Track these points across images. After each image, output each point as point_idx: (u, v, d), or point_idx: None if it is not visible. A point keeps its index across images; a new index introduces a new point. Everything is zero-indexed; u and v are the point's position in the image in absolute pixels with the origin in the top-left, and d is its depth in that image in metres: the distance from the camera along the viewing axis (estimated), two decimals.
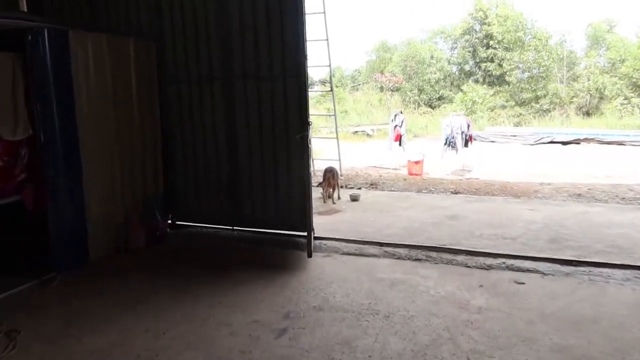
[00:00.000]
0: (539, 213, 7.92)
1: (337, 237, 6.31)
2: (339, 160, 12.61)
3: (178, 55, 6.48)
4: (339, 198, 9.30)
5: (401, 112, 14.78)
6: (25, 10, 6.75)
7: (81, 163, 5.34)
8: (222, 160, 6.43)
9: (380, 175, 13.04)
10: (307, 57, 5.65)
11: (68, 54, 5.20)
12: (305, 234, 6.14)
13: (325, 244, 6.06)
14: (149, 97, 6.43)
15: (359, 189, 10.90)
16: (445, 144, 13.63)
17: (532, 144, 19.45)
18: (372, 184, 11.44)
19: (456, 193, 10.41)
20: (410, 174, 13.46)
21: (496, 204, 8.89)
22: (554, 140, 19.42)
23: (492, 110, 27.33)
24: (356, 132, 22.38)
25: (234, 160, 6.37)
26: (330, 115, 19.09)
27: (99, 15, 6.77)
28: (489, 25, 29.11)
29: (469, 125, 14.08)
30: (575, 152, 17.68)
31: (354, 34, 51.04)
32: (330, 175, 8.91)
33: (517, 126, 25.79)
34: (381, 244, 6.03)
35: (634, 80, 25.89)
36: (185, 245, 6.24)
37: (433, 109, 29.50)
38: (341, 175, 12.50)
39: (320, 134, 21.48)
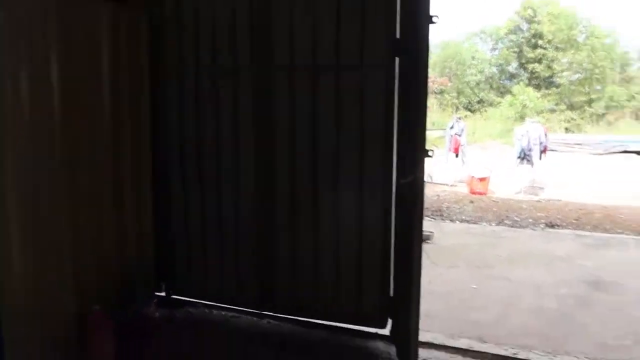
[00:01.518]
0: None
1: (436, 338, 3.59)
2: None
3: (184, 33, 3.87)
4: None
5: (460, 119, 12.03)
6: None
7: None
8: (247, 202, 3.79)
9: (439, 196, 10.30)
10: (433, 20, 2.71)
11: None
12: (388, 332, 3.51)
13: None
14: (132, 96, 3.84)
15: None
16: (519, 157, 10.82)
17: (601, 154, 16.43)
18: (436, 211, 8.72)
19: (552, 226, 7.63)
20: (472, 192, 10.72)
21: (633, 250, 6.11)
22: (627, 149, 16.37)
23: (539, 114, 24.27)
24: None
25: (268, 203, 3.73)
26: None
27: None
28: (538, 23, 26.02)
29: (546, 135, 11.25)
30: None
31: None
32: None
33: (569, 132, 22.76)
34: None
35: None
36: (186, 351, 3.57)
37: (472, 112, 26.55)
38: None
39: None
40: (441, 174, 12.02)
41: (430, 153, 2.89)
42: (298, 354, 3.43)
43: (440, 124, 21.89)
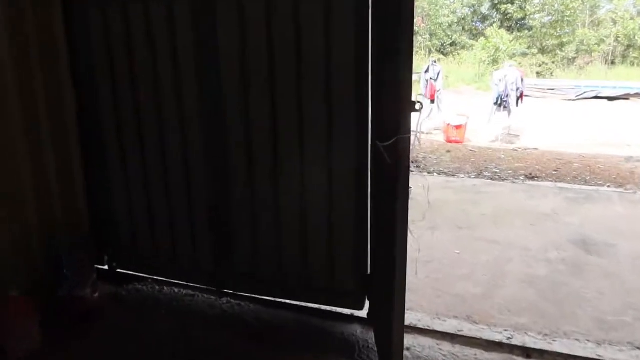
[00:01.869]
0: None
1: (420, 320, 3.12)
2: None
3: None
4: None
5: (435, 62, 11.34)
6: None
7: None
8: (199, 160, 3.15)
9: (413, 145, 9.76)
10: None
11: None
12: (365, 315, 3.03)
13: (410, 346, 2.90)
14: (41, 27, 3.07)
15: None
16: (495, 103, 10.30)
17: (573, 100, 16.12)
18: (412, 162, 8.19)
19: (533, 178, 7.25)
20: (448, 140, 10.26)
21: (619, 205, 5.75)
22: (599, 95, 16.09)
23: (511, 59, 23.70)
24: None
25: (219, 160, 3.09)
26: None
27: None
28: None
29: (522, 80, 10.71)
30: (629, 110, 14.43)
31: None
32: None
33: (540, 77, 22.34)
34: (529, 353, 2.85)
35: None
36: (131, 339, 3.02)
37: (446, 56, 25.75)
38: None
39: None
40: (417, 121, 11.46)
41: (417, 106, 2.30)
42: (259, 339, 2.91)
43: (414, 67, 21.14)
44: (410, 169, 6.73)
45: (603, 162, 8.44)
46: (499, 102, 10.24)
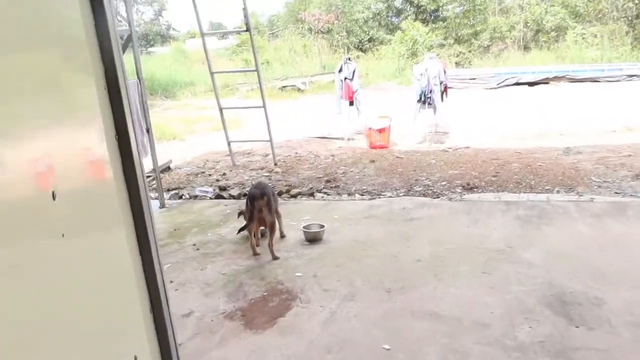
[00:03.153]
0: None
1: None
2: (270, 140, 7.69)
3: None
4: (282, 237, 4.50)
5: (350, 60, 9.90)
6: None
7: None
8: None
9: (333, 157, 8.29)
10: None
11: None
12: None
13: None
14: None
15: (311, 194, 6.12)
16: (419, 100, 8.99)
17: (495, 88, 15.33)
18: (328, 181, 6.68)
19: (471, 189, 5.92)
20: (372, 147, 8.87)
21: (580, 223, 4.46)
22: (520, 81, 15.39)
23: (429, 50, 22.94)
24: (284, 87, 17.24)
25: None
26: (250, 71, 14.01)
27: None
28: None
29: (445, 72, 9.50)
30: (551, 95, 13.75)
31: None
32: (262, 204, 3.98)
33: (459, 67, 21.69)
34: None
35: (577, 8, 22.34)
36: None
37: (365, 52, 24.69)
38: (276, 164, 7.64)
39: (239, 94, 16.25)
40: (336, 126, 10.02)
41: None
42: None
43: (332, 66, 19.80)
44: (327, 191, 4.93)
45: (542, 157, 7.31)
46: (422, 98, 8.94)
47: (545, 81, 15.22)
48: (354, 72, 9.41)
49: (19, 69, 0.75)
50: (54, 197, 0.75)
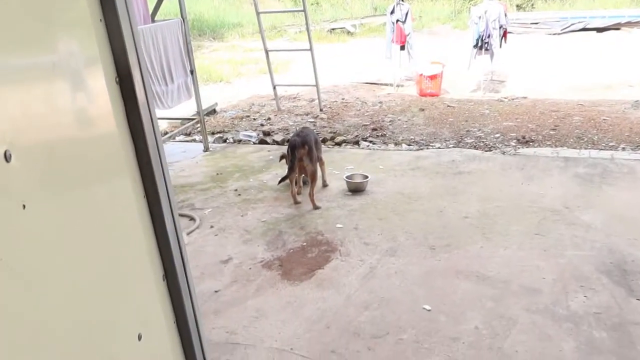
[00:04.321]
0: None
1: None
2: (317, 84, 7.44)
3: None
4: (324, 186, 4.37)
5: (403, 1, 9.29)
6: None
7: None
8: None
9: (381, 103, 7.97)
10: None
11: None
12: None
13: None
14: None
15: (356, 142, 5.91)
16: (475, 45, 8.41)
17: (559, 33, 14.18)
18: (375, 129, 6.42)
19: (527, 142, 5.54)
20: (422, 94, 8.45)
21: None
22: (587, 26, 14.15)
23: None
24: (333, 29, 16.62)
25: None
26: (298, 11, 13.56)
27: None
28: None
29: (506, 15, 8.78)
30: (622, 42, 12.60)
31: None
32: (303, 153, 3.84)
33: (521, 10, 20.17)
34: None
35: None
36: None
37: None
38: (321, 110, 7.43)
39: (287, 37, 15.82)
40: (385, 72, 9.58)
41: None
42: None
43: (383, 8, 18.90)
44: (373, 139, 4.70)
45: (607, 111, 6.73)
46: (479, 43, 8.34)
47: (616, 27, 13.92)
48: (407, 14, 8.86)
49: None
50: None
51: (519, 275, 2.83)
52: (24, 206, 0.59)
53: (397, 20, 8.83)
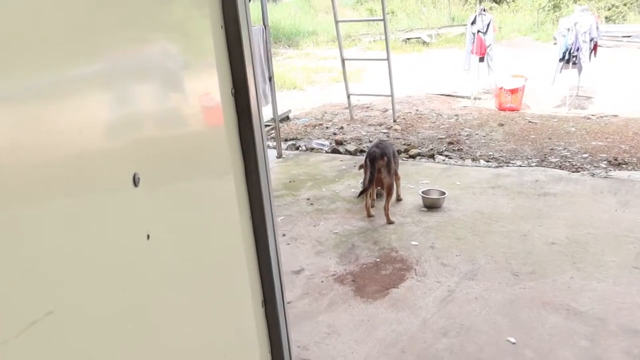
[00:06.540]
0: None
1: None
2: (392, 94, 7.30)
3: None
4: (398, 200, 4.23)
5: (485, 11, 8.96)
6: None
7: None
8: None
9: (457, 116, 7.70)
10: None
11: None
12: None
13: None
14: None
15: (431, 156, 5.71)
16: (562, 59, 7.93)
17: None
18: (450, 143, 6.20)
19: (619, 165, 5.11)
20: (501, 108, 8.08)
21: None
22: None
23: (576, 1, 20.25)
24: (408, 39, 16.39)
25: None
26: (376, 20, 13.53)
27: None
28: None
29: (597, 28, 8.22)
30: None
31: None
32: (381, 165, 3.74)
33: (610, 22, 18.91)
34: None
35: None
36: None
37: (499, 3, 22.50)
38: (395, 120, 7.29)
39: (361, 45, 15.78)
40: (462, 83, 9.27)
41: None
42: None
43: (461, 18, 18.45)
44: (449, 153, 4.52)
45: None
46: (566, 56, 7.86)
47: None
48: (488, 24, 8.53)
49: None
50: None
51: (617, 313, 2.56)
52: (148, 236, 0.53)
53: (478, 31, 8.52)
